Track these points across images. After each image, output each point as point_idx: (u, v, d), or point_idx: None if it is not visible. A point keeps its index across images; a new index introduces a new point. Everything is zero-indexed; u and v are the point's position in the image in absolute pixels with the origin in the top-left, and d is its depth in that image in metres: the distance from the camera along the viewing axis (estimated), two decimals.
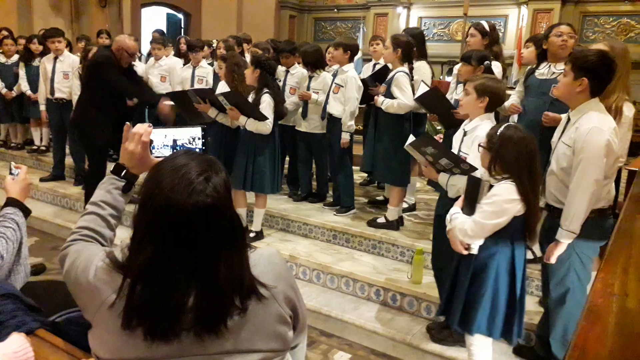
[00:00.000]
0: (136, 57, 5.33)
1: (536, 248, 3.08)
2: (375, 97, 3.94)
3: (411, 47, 3.93)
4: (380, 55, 5.11)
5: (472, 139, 2.61)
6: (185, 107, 4.32)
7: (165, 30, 9.72)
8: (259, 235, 4.15)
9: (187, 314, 1.07)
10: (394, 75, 3.86)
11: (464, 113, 2.77)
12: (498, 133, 2.23)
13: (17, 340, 1.20)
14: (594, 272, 2.43)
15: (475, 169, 2.47)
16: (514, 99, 3.52)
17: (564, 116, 2.66)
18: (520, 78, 3.71)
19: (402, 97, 3.78)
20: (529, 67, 3.60)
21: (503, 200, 2.19)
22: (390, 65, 4.08)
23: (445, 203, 2.78)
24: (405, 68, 3.89)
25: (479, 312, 2.30)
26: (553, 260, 2.44)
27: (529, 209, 2.21)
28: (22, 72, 6.19)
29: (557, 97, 2.64)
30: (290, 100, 4.64)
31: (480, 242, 2.29)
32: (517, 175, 2.19)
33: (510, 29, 9.76)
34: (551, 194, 2.53)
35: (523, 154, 2.19)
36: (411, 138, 2.74)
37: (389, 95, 3.86)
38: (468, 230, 2.25)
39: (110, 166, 5.07)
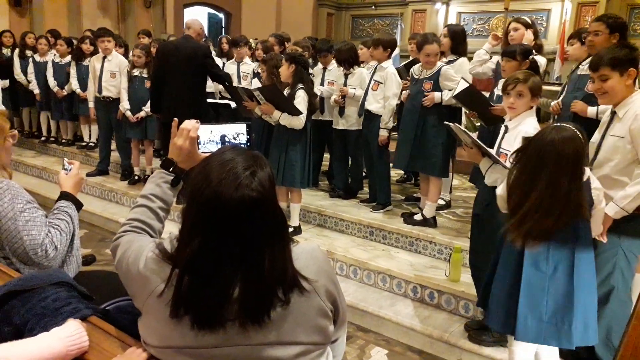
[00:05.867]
0: None
1: None
2: (426, 99, 3.86)
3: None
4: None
5: (514, 135, 2.55)
6: (237, 100, 4.49)
7: (206, 30, 9.93)
8: (297, 230, 4.19)
9: (232, 304, 1.10)
10: (440, 69, 3.85)
11: (514, 115, 2.65)
12: None
13: (73, 326, 1.26)
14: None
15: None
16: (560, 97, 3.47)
17: (602, 108, 2.67)
18: (566, 74, 3.65)
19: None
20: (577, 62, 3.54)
21: None
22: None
23: (481, 202, 2.75)
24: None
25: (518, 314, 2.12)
26: (605, 237, 2.35)
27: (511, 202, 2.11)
28: (73, 71, 6.41)
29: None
30: (331, 95, 4.68)
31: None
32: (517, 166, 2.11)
33: (552, 24, 9.44)
34: None
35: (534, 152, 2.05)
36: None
37: (435, 90, 3.86)
38: None
39: (157, 161, 5.21)
